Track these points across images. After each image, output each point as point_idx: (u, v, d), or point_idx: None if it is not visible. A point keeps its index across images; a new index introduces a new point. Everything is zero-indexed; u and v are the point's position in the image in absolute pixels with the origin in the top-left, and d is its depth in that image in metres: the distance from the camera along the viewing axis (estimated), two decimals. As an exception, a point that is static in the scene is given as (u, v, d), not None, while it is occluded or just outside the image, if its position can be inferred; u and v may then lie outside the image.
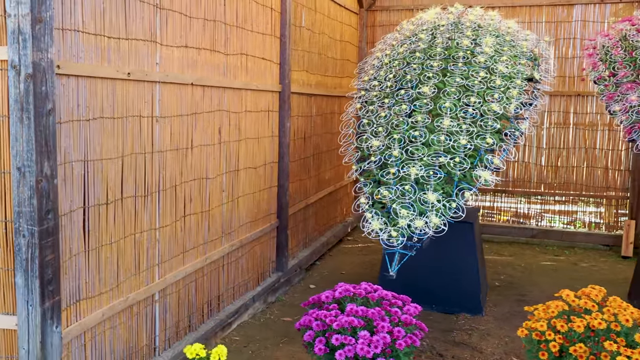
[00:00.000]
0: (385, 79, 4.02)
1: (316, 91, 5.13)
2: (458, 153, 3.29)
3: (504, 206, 6.38)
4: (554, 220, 6.26)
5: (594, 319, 2.28)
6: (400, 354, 2.34)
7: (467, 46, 3.96)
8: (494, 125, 3.46)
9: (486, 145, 3.38)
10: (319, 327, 2.42)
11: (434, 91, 3.65)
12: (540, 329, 2.32)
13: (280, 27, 4.19)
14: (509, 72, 3.85)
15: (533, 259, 5.57)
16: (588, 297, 2.42)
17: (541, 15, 6.10)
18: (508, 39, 4.16)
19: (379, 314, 2.41)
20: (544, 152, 6.18)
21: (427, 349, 3.45)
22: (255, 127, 3.92)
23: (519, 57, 4.07)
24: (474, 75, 3.73)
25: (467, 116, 3.47)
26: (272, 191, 4.25)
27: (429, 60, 3.91)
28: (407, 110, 3.61)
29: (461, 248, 4.08)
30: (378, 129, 3.63)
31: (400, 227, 2.98)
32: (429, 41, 4.12)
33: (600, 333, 2.27)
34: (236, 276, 3.78)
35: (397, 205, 3.06)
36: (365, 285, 2.64)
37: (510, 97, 3.69)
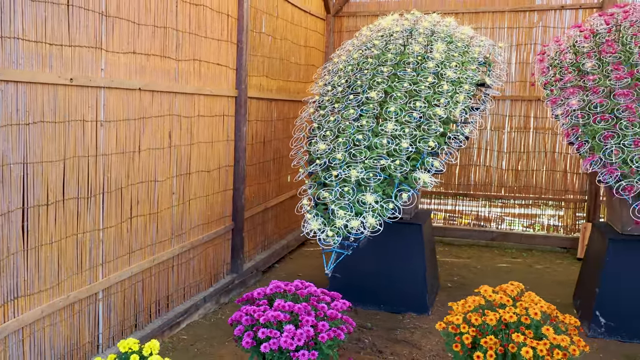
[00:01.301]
0: (338, 84, 4.15)
1: (278, 96, 5.25)
2: (400, 156, 3.42)
3: (465, 209, 6.52)
4: (514, 223, 6.41)
5: (507, 312, 2.41)
6: (323, 347, 2.45)
7: (418, 52, 4.10)
8: (437, 129, 3.59)
9: (428, 148, 3.51)
10: (248, 321, 2.53)
11: (381, 96, 3.78)
12: (456, 322, 2.44)
13: (237, 33, 4.31)
14: (457, 77, 3.99)
15: (490, 261, 5.71)
16: (504, 292, 2.55)
17: (503, 21, 6.26)
18: (460, 45, 4.30)
19: (305, 309, 2.52)
20: (504, 156, 6.33)
21: (368, 345, 3.57)
22: (209, 132, 4.02)
23: (470, 62, 4.21)
24: (422, 80, 3.87)
25: (412, 120, 3.60)
26: (227, 194, 4.35)
27: (380, 66, 4.04)
28: (354, 115, 3.74)
29: (409, 249, 4.20)
30: (326, 133, 3.75)
31: (336, 228, 3.09)
32: (382, 47, 4.25)
33: (512, 326, 2.39)
34: (187, 277, 3.87)
35: (335, 206, 3.18)
36: (297, 283, 2.75)
37: (456, 101, 3.83)
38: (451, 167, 6.48)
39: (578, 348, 2.33)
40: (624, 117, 3.36)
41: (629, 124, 3.30)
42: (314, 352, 2.39)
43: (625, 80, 3.56)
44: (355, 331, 3.80)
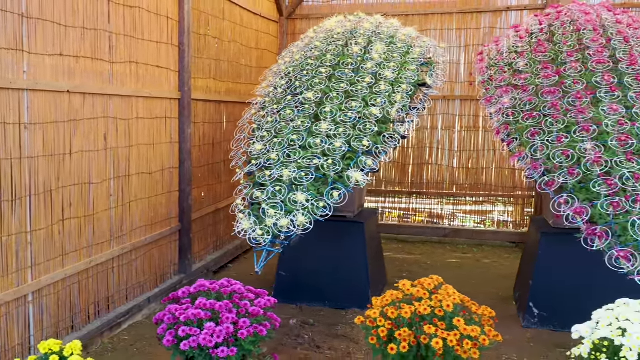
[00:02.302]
0: (279, 85, 4.20)
1: (227, 98, 5.27)
2: (333, 155, 3.48)
3: (419, 207, 6.61)
4: (465, 219, 6.53)
5: (421, 305, 2.47)
6: (243, 343, 2.49)
7: (357, 53, 4.17)
8: (373, 128, 3.66)
9: (363, 147, 3.58)
10: (170, 320, 2.56)
11: (318, 96, 3.84)
12: (373, 316, 2.51)
13: (178, 36, 4.32)
14: (395, 78, 4.06)
15: (441, 257, 5.81)
16: (422, 286, 2.62)
17: (452, 22, 6.37)
18: (400, 46, 4.38)
19: (226, 307, 2.56)
20: (455, 154, 6.44)
21: (306, 341, 3.62)
22: (150, 134, 4.04)
23: (410, 63, 4.29)
24: (360, 80, 3.94)
25: (348, 120, 3.66)
26: (172, 196, 4.36)
27: (320, 67, 4.10)
28: (291, 115, 3.79)
29: (352, 247, 4.27)
30: (264, 134, 3.80)
31: (267, 226, 3.14)
32: (323, 49, 4.31)
33: (426, 318, 2.46)
34: (129, 278, 3.88)
35: (266, 206, 3.23)
36: (223, 281, 2.79)
37: (393, 101, 3.90)
38: (405, 167, 6.58)
39: (488, 338, 2.41)
40: (550, 114, 3.46)
41: (554, 121, 3.40)
42: (233, 349, 2.43)
43: (553, 78, 3.66)
44: (296, 327, 3.85)
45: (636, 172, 2.90)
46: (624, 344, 2.21)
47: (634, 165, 2.97)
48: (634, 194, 2.83)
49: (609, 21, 4.06)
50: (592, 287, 3.77)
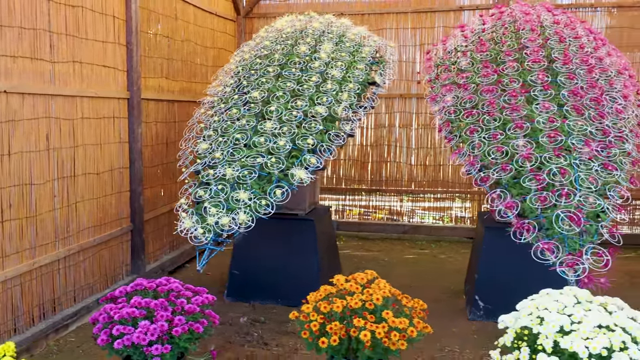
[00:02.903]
0: (228, 84, 4.23)
1: (181, 97, 5.28)
2: (277, 154, 3.52)
3: (379, 204, 6.69)
4: (424, 216, 6.63)
5: (353, 299, 2.53)
6: (178, 341, 2.52)
7: (305, 52, 4.21)
8: (318, 127, 3.71)
9: (308, 146, 3.63)
10: (105, 319, 2.57)
11: (265, 96, 3.87)
12: (306, 311, 2.56)
13: (125, 35, 4.32)
14: (342, 77, 4.12)
15: (399, 254, 5.89)
16: (355, 280, 2.68)
17: (407, 22, 6.46)
18: (348, 45, 4.43)
19: (161, 305, 2.58)
20: (413, 152, 6.53)
21: (255, 339, 3.66)
22: (97, 134, 4.03)
23: (359, 62, 4.35)
24: (307, 79, 3.99)
25: (293, 119, 3.70)
26: (122, 196, 4.36)
27: (268, 66, 4.14)
28: (237, 115, 3.82)
29: (303, 244, 4.31)
30: (210, 133, 3.82)
31: (208, 225, 3.17)
32: (272, 48, 4.34)
33: (357, 312, 2.52)
34: (77, 279, 3.87)
35: (208, 204, 3.26)
36: (162, 279, 2.81)
37: (340, 100, 3.96)
38: (364, 164, 6.65)
39: (417, 329, 2.48)
40: (487, 112, 3.55)
41: (491, 118, 3.49)
42: (167, 346, 2.46)
43: (492, 77, 3.76)
44: (246, 325, 3.89)
45: (563, 167, 3.00)
46: (541, 332, 2.30)
47: (562, 160, 3.07)
48: (560, 188, 2.93)
49: (547, 21, 4.17)
50: (534, 280, 3.86)
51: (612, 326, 2.28)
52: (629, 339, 2.23)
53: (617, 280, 4.99)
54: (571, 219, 2.79)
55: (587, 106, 3.42)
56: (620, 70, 3.93)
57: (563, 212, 2.83)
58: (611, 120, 3.38)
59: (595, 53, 3.92)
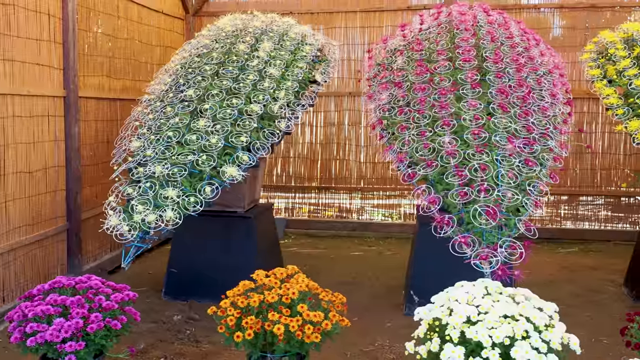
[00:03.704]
0: (165, 82, 4.21)
1: (124, 96, 5.23)
2: (209, 151, 3.52)
3: (329, 202, 6.74)
4: (374, 213, 6.70)
5: (270, 294, 2.55)
6: (94, 338, 2.51)
7: (244, 51, 4.22)
8: (252, 125, 3.73)
9: (241, 144, 3.64)
10: (19, 317, 2.55)
11: (200, 94, 3.87)
12: (224, 306, 2.57)
13: (62, 33, 4.27)
14: (280, 75, 4.14)
15: (346, 251, 5.94)
16: (275, 275, 2.70)
17: (356, 21, 6.52)
18: (288, 44, 4.45)
19: (77, 302, 2.57)
20: (362, 149, 6.59)
21: (186, 336, 3.65)
22: (30, 132, 3.97)
23: (299, 60, 4.38)
24: (244, 78, 4.00)
25: (227, 117, 3.71)
26: (58, 195, 4.30)
27: (205, 65, 4.14)
28: (171, 113, 3.81)
29: (242, 242, 4.32)
30: (144, 131, 3.80)
31: (134, 223, 3.16)
32: (211, 47, 4.34)
33: (274, 306, 2.54)
34: (7, 279, 3.81)
35: (136, 202, 3.24)
36: (83, 277, 2.79)
37: (277, 98, 3.98)
38: (314, 162, 6.68)
39: (331, 323, 2.52)
40: (418, 109, 3.61)
41: (421, 116, 3.55)
42: (81, 343, 2.45)
43: (424, 76, 3.82)
44: (180, 323, 3.88)
45: (484, 163, 3.08)
46: (449, 322, 2.36)
47: (484, 157, 3.14)
48: (480, 184, 3.00)
49: (482, 21, 4.26)
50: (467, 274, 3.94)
51: (516, 316, 2.36)
52: (531, 328, 2.30)
53: (556, 273, 5.14)
54: (487, 214, 2.86)
55: (513, 104, 3.51)
56: (551, 70, 4.04)
57: (480, 207, 2.90)
58: (536, 117, 3.47)
59: (527, 52, 4.02)
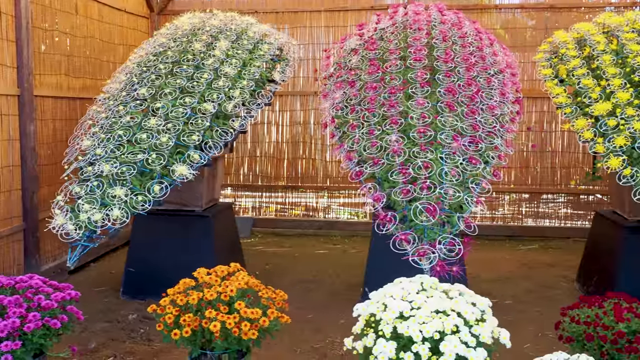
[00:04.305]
0: (121, 81, 4.20)
1: (84, 95, 5.20)
2: (160, 150, 3.53)
3: (295, 201, 6.77)
4: (340, 212, 6.74)
5: (209, 292, 2.57)
6: (32, 337, 2.51)
7: (199, 50, 4.23)
8: (205, 124, 3.74)
9: (193, 142, 3.65)
10: (-45, 318, 2.53)
11: (152, 93, 3.88)
12: (163, 304, 2.59)
13: (15, 31, 4.24)
14: (236, 74, 4.16)
15: (311, 249, 5.97)
16: (216, 273, 2.72)
17: (320, 20, 6.55)
18: (245, 43, 4.47)
19: (15, 301, 2.56)
20: (328, 148, 6.63)
21: (140, 335, 3.66)
22: (-19, 131, 3.95)
23: (256, 59, 4.39)
24: (199, 77, 4.01)
25: (179, 115, 3.72)
26: (13, 195, 4.27)
27: (160, 64, 4.14)
28: (123, 111, 3.81)
29: (199, 241, 4.33)
30: (96, 129, 3.80)
31: (80, 222, 3.16)
32: (167, 45, 4.34)
33: (213, 303, 2.56)
34: (-42, 279, 3.78)
35: (82, 201, 3.24)
36: (25, 276, 2.79)
37: (231, 97, 4.00)
38: (280, 161, 6.71)
39: (269, 319, 2.54)
40: (368, 108, 3.65)
41: (371, 114, 3.59)
42: (18, 342, 2.44)
43: (376, 75, 3.86)
44: (134, 322, 3.88)
45: (426, 161, 3.13)
46: (383, 318, 2.40)
47: (428, 155, 3.19)
48: (422, 181, 3.05)
49: (436, 21, 4.32)
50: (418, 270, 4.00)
51: (448, 311, 2.40)
52: (462, 323, 2.34)
53: (514, 270, 5.22)
54: (428, 211, 2.91)
55: (461, 103, 3.56)
56: (502, 69, 4.10)
57: (422, 204, 2.94)
58: (483, 116, 3.52)
59: (479, 52, 4.08)
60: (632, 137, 3.51)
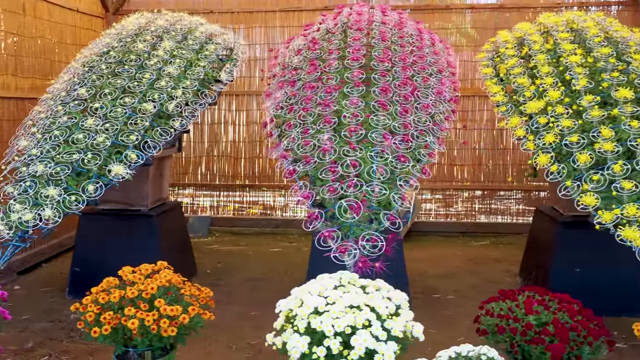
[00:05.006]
0: (63, 81, 4.20)
1: (34, 95, 5.16)
2: (98, 150, 3.54)
3: (253, 200, 6.80)
4: (297, 210, 6.78)
5: (131, 289, 2.61)
6: (-50, 337, 2.52)
7: (142, 50, 4.25)
8: (145, 124, 3.76)
9: (131, 142, 3.67)
10: None
11: (92, 93, 3.89)
12: (85, 302, 2.61)
13: (-44, 32, 4.22)
14: (179, 74, 4.18)
15: (266, 247, 6.01)
16: (140, 271, 2.75)
17: (275, 20, 6.59)
18: (191, 43, 4.49)
19: None
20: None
21: (79, 334, 3.67)
22: None
23: (202, 59, 4.42)
24: (140, 77, 4.02)
25: (118, 115, 3.73)
26: (-45, 195, 4.25)
27: (102, 64, 4.15)
28: (61, 112, 3.81)
29: (145, 240, 4.35)
30: (34, 130, 3.80)
31: (11, 222, 3.16)
32: (110, 45, 4.35)
33: (135, 301, 2.59)
34: None
35: (14, 201, 3.25)
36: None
37: (173, 97, 4.02)
38: (237, 160, 6.74)
39: (189, 316, 2.58)
40: (305, 107, 3.70)
41: (306, 114, 3.64)
42: None
43: (314, 74, 3.91)
44: (74, 321, 3.86)
45: (354, 159, 3.19)
46: (298, 313, 2.45)
47: (357, 153, 3.26)
48: (350, 180, 3.11)
49: (377, 21, 4.39)
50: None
51: (362, 306, 2.46)
52: (374, 317, 2.40)
53: (462, 265, 5.32)
54: (352, 208, 2.97)
55: (395, 102, 3.63)
56: (441, 69, 4.18)
57: (346, 202, 3.00)
58: (416, 115, 3.59)
59: (419, 52, 4.16)
60: (562, 134, 3.61)
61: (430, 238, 6.31)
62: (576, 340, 2.44)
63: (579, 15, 4.54)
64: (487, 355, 2.27)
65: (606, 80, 3.71)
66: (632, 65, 3.81)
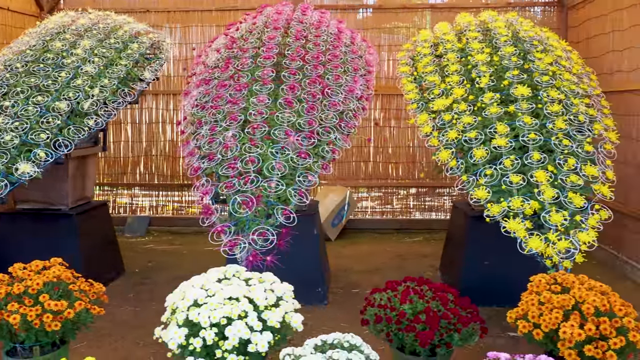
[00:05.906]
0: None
1: (-42, 94, 5.13)
2: (4, 148, 3.54)
3: (192, 199, 6.83)
4: (237, 208, 6.82)
5: (17, 286, 2.63)
6: None
7: (60, 48, 4.25)
8: (56, 122, 3.77)
9: (41, 141, 3.67)
10: None
11: (4, 91, 3.88)
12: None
13: None
14: (98, 73, 4.19)
15: (201, 246, 6.03)
16: (31, 267, 2.78)
17: (212, 19, 6.62)
18: (114, 42, 4.51)
19: None
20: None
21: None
22: None
23: (123, 58, 4.43)
24: (55, 76, 4.03)
25: (29, 114, 3.74)
26: None
27: (17, 63, 4.14)
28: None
29: (64, 240, 4.35)
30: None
31: None
32: (28, 44, 4.34)
33: (20, 297, 2.62)
34: None
35: None
36: None
37: (90, 95, 4.03)
38: (176, 160, 6.75)
39: (74, 311, 2.62)
40: (215, 105, 3.75)
41: (216, 111, 3.70)
42: None
43: (227, 72, 3.97)
44: None
45: (253, 156, 3.26)
46: (179, 305, 2.51)
47: (258, 150, 3.32)
48: (246, 175, 3.18)
49: (296, 20, 4.46)
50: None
51: (240, 298, 2.53)
52: (251, 308, 2.47)
53: (388, 261, 5.43)
54: (245, 203, 3.04)
55: (302, 99, 3.71)
56: (356, 67, 4.27)
57: (240, 197, 3.07)
58: (323, 112, 3.67)
59: (333, 50, 4.24)
60: (464, 130, 3.73)
61: (365, 235, 6.42)
62: (447, 327, 2.55)
63: (492, 15, 4.69)
64: (349, 342, 2.36)
65: (507, 79, 3.85)
66: (534, 63, 3.96)
